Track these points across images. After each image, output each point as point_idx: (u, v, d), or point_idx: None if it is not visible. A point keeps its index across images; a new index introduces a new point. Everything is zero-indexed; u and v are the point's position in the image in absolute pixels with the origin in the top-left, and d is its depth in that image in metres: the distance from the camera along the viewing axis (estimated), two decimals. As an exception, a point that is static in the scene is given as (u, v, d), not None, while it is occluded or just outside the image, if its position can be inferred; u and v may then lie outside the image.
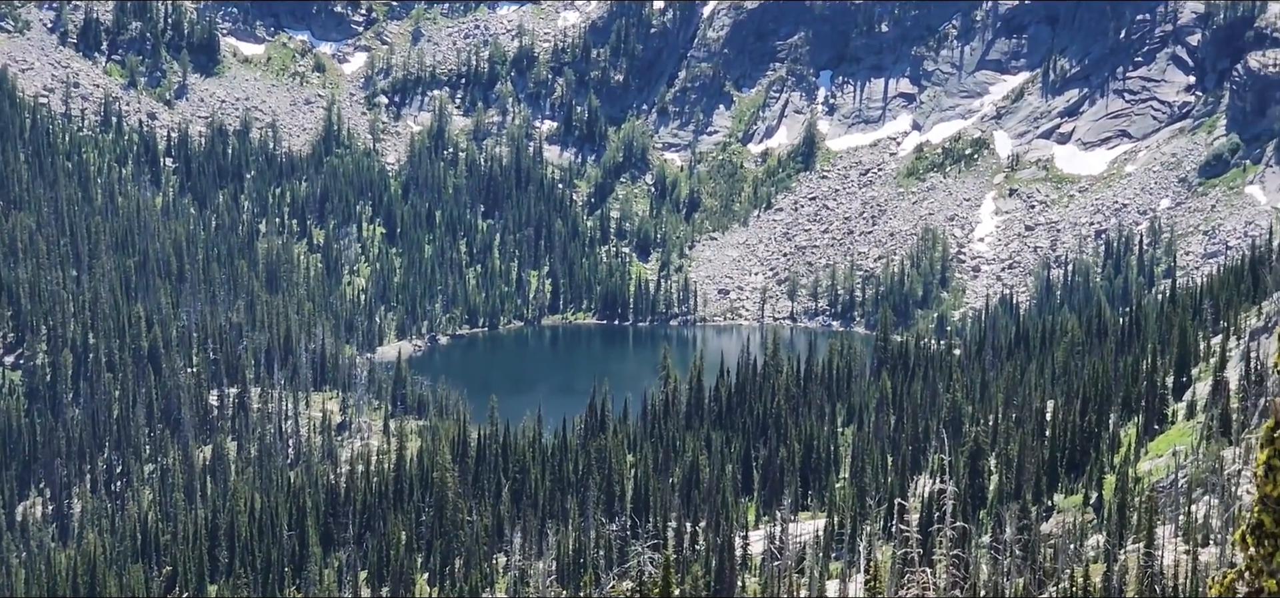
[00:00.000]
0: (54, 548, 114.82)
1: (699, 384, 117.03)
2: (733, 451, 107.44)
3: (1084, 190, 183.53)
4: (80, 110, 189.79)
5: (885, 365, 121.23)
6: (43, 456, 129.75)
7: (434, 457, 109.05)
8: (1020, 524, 78.15)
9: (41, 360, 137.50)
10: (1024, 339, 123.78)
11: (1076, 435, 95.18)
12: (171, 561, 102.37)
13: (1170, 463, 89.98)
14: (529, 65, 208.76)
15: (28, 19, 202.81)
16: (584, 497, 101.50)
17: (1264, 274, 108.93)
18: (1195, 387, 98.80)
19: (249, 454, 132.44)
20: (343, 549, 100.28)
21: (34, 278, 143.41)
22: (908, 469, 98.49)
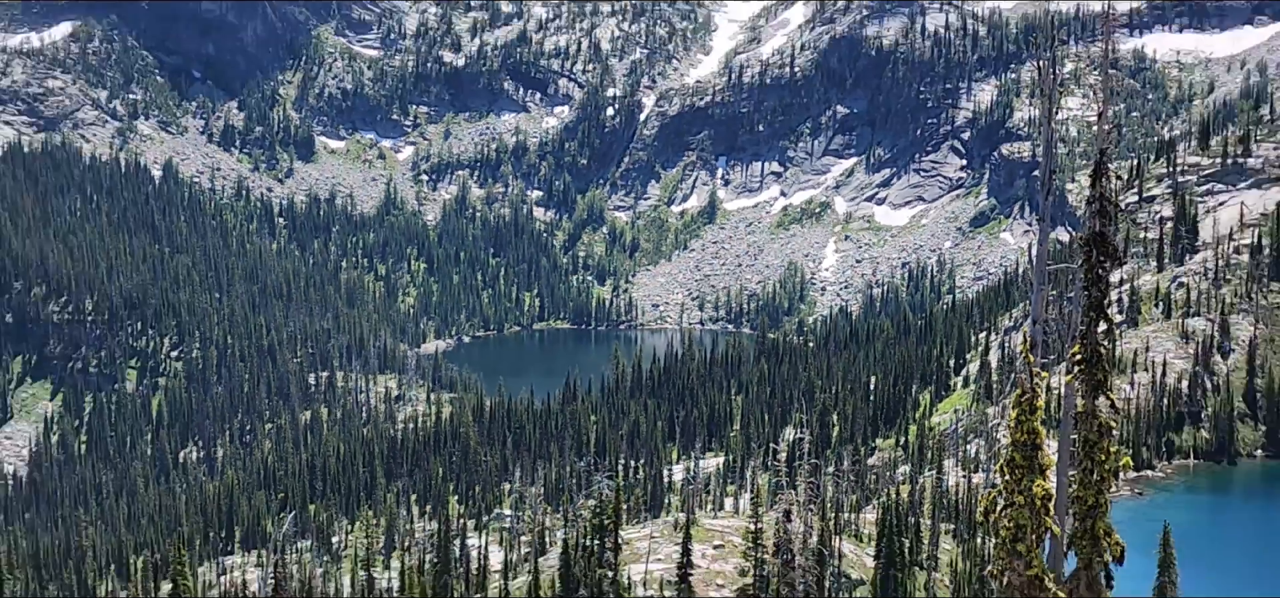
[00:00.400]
0: (205, 481, 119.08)
1: (639, 368, 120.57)
2: (661, 412, 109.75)
3: (894, 236, 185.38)
4: (221, 186, 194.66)
5: (763, 354, 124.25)
6: (196, 418, 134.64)
7: (460, 418, 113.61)
8: (853, 459, 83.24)
9: (196, 354, 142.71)
10: (855, 336, 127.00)
11: (890, 399, 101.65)
12: (284, 489, 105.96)
13: (952, 417, 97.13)
14: (523, 154, 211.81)
15: (185, 125, 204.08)
16: (562, 444, 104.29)
17: (1013, 291, 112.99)
18: (968, 366, 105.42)
19: (335, 417, 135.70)
20: (398, 481, 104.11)
21: (191, 299, 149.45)
22: (779, 424, 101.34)
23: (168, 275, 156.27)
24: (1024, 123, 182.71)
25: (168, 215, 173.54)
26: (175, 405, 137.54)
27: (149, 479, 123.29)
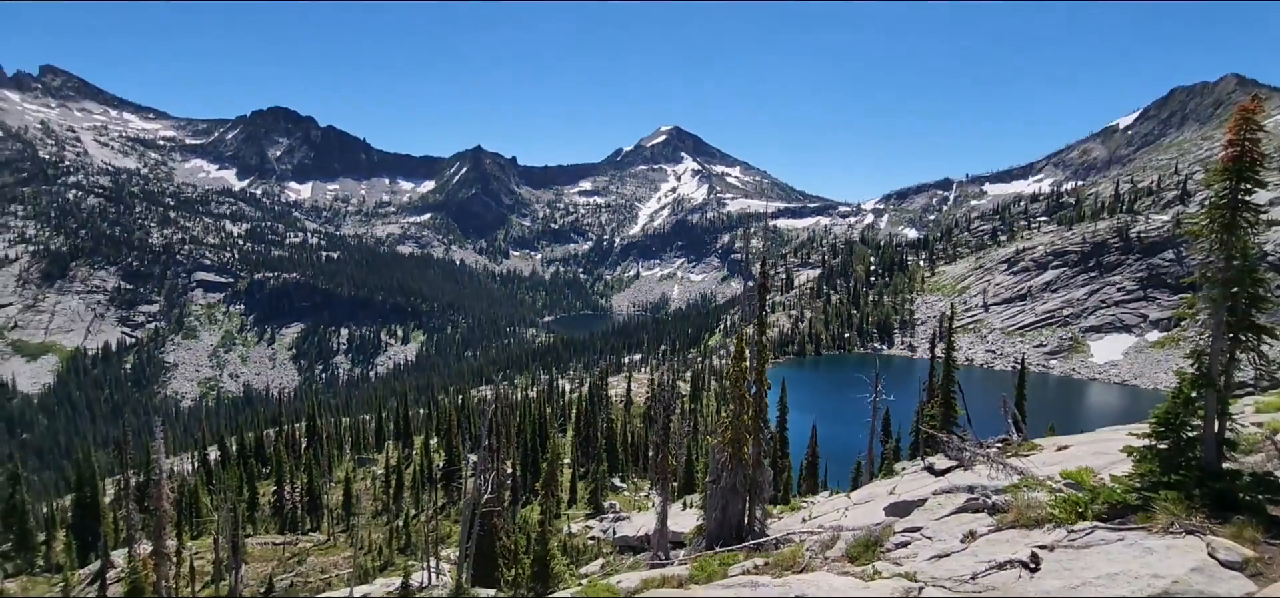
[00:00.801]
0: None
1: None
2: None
3: (697, 286, 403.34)
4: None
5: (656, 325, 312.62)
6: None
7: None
8: (684, 358, 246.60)
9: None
10: (687, 317, 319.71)
11: (693, 334, 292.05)
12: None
13: (718, 340, 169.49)
14: (584, 257, 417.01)
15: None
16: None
17: (729, 307, 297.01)
18: (721, 326, 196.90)
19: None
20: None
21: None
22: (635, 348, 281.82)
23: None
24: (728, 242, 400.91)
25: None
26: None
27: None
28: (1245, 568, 6.33)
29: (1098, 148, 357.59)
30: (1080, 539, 7.48)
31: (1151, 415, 8.46)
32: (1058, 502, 8.60)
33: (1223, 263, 8.12)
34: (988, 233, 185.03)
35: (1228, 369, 8.13)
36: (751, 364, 16.49)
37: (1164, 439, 8.17)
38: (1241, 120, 8.11)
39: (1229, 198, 8.13)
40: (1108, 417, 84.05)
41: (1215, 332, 8.17)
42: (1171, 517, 7.25)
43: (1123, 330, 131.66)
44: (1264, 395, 19.36)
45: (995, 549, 7.91)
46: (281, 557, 47.54)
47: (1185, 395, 8.02)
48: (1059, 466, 14.02)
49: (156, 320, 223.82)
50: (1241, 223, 8.11)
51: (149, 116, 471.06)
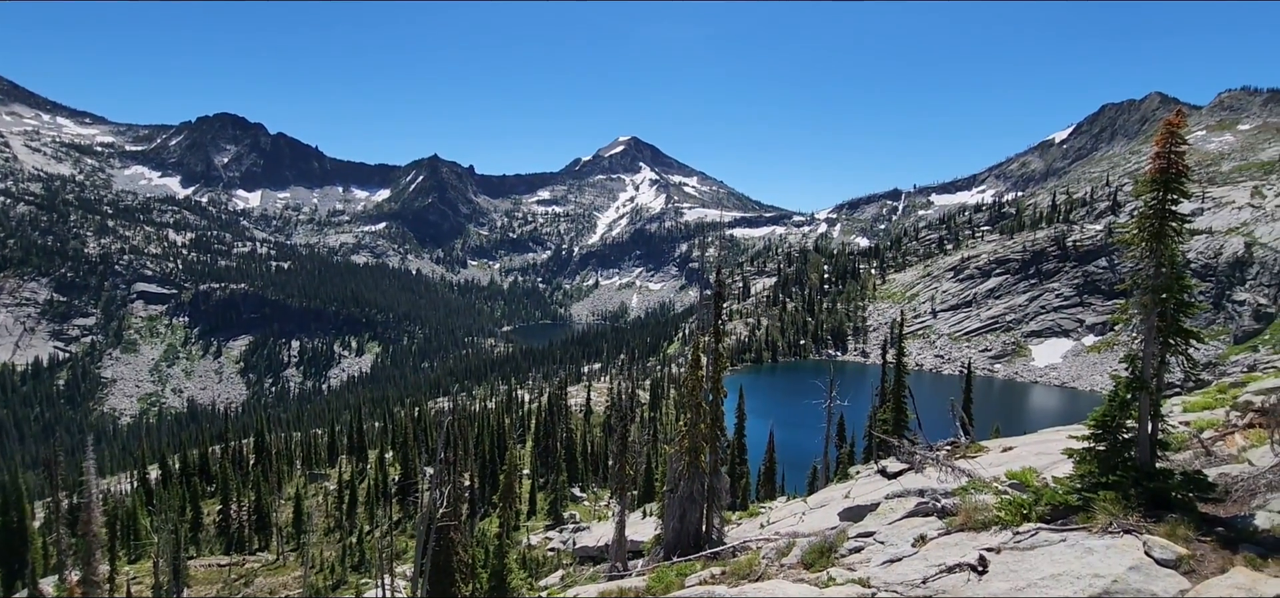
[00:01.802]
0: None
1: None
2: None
3: (656, 293, 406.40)
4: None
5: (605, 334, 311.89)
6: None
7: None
8: (643, 366, 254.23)
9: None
10: (645, 325, 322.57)
11: (654, 343, 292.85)
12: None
13: (677, 349, 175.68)
14: (543, 265, 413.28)
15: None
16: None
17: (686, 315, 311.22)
18: (680, 333, 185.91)
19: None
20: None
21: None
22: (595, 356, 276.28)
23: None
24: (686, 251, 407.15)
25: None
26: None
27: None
28: (1179, 565, 6.52)
29: (1036, 160, 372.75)
30: (1025, 541, 7.62)
31: (1090, 418, 8.70)
32: (1004, 504, 8.76)
33: (1152, 270, 8.43)
34: (935, 242, 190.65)
35: (1159, 372, 8.42)
36: (708, 373, 16.47)
37: (1102, 441, 8.41)
38: (1168, 134, 8.44)
39: (1157, 208, 8.45)
40: (1049, 418, 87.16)
41: (1147, 336, 8.46)
42: (1110, 517, 7.44)
43: (1061, 335, 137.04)
44: (1190, 396, 20.31)
45: (945, 553, 8.00)
46: (227, 579, 45.53)
47: (1121, 398, 8.28)
48: (1005, 466, 14.39)
49: (93, 334, 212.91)
50: (1169, 232, 8.43)
51: (85, 121, 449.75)
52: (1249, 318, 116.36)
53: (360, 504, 59.73)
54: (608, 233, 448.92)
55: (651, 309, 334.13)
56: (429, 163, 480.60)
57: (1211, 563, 6.57)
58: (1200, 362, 15.92)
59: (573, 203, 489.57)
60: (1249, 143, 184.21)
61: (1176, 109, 9.69)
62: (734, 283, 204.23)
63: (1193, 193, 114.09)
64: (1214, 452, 11.48)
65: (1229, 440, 12.38)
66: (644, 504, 47.57)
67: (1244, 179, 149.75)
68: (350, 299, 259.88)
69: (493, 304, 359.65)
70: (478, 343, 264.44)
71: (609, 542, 33.71)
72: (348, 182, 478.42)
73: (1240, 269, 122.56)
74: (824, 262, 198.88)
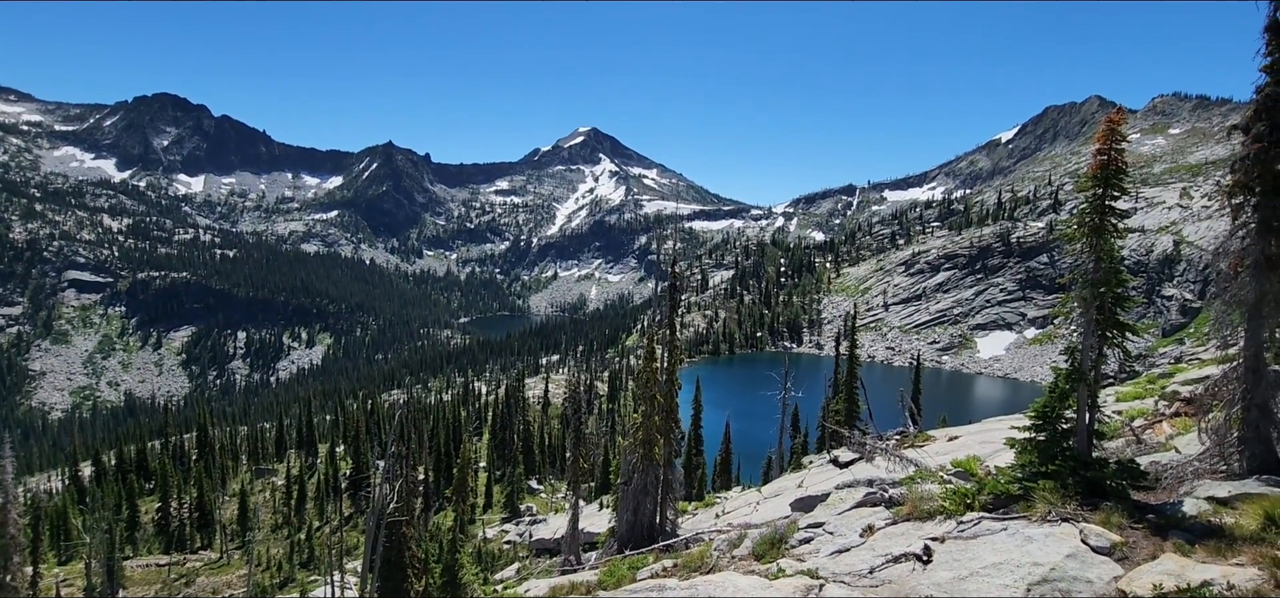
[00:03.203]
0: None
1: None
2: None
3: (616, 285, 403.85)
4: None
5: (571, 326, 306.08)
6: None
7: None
8: (601, 359, 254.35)
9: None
10: (606, 317, 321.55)
11: (612, 334, 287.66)
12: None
13: (635, 341, 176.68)
14: (501, 256, 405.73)
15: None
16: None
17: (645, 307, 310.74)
18: (639, 324, 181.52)
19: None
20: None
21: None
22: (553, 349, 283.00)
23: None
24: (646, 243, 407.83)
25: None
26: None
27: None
28: (1113, 552, 6.69)
29: (983, 159, 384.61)
30: (969, 530, 7.73)
31: (1030, 408, 8.90)
32: (948, 494, 8.90)
33: (1092, 265, 8.63)
34: (887, 237, 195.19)
35: (1097, 364, 8.65)
36: (662, 365, 16.37)
37: (1042, 431, 8.60)
38: (1108, 131, 8.65)
39: (1098, 203, 8.65)
40: (992, 408, 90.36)
41: (1086, 329, 8.68)
42: (1049, 506, 7.60)
43: (1005, 328, 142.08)
44: (1123, 386, 21.19)
45: (891, 543, 8.07)
46: (166, 579, 43.70)
47: (1060, 389, 8.47)
48: (950, 455, 14.72)
49: (19, 324, 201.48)
50: (1109, 227, 8.64)
51: (10, 98, 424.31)
52: (1176, 312, 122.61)
53: (309, 500, 58.08)
54: (567, 224, 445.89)
55: (611, 301, 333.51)
56: (384, 150, 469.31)
57: (1143, 550, 6.77)
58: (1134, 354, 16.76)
59: (532, 193, 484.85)
60: (1179, 146, 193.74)
61: (1116, 109, 9.96)
62: (692, 275, 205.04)
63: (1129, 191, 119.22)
64: (1144, 440, 11.93)
65: (1158, 429, 12.91)
66: (601, 496, 47.48)
67: (1174, 181, 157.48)
68: (300, 289, 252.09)
69: (449, 295, 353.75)
70: (434, 334, 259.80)
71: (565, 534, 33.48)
72: (298, 168, 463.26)
73: (1169, 266, 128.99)
74: (781, 255, 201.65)
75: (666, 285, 17.70)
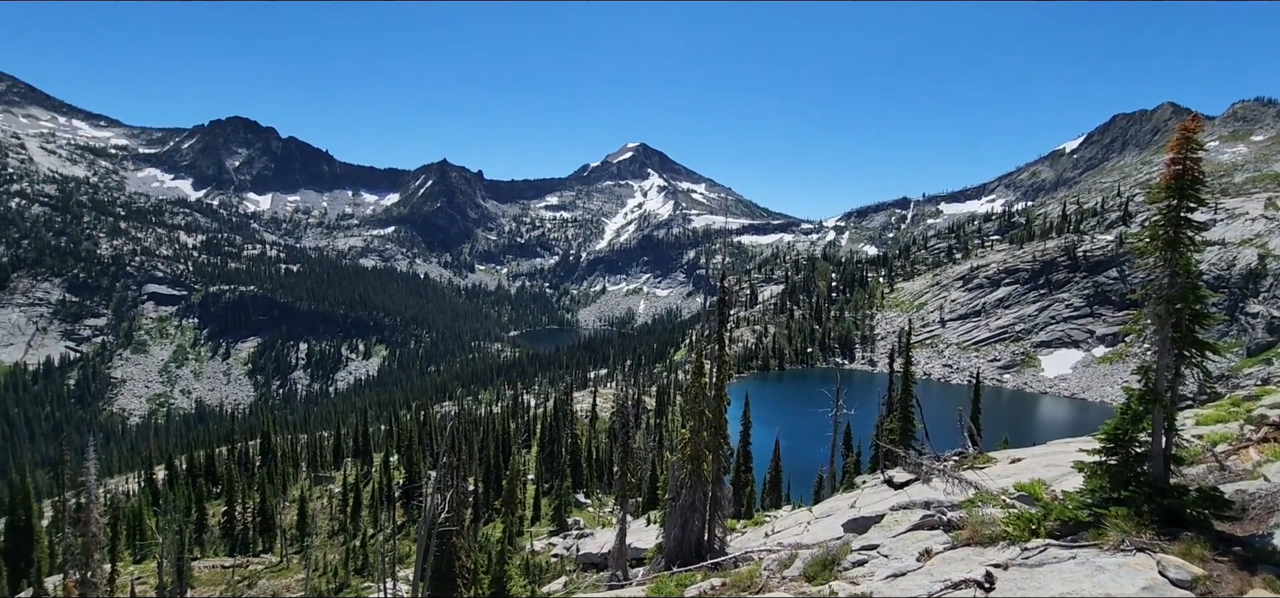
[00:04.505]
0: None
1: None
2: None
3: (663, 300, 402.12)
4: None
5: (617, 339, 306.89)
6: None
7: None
8: (650, 372, 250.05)
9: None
10: (653, 331, 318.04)
11: (660, 349, 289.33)
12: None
13: (684, 355, 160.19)
14: (551, 271, 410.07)
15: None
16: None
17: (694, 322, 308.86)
18: (686, 340, 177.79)
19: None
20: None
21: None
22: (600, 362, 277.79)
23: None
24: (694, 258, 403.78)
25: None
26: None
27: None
28: (1195, 587, 6.27)
29: (1046, 170, 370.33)
30: (1033, 557, 7.37)
31: (1101, 431, 8.46)
32: (1011, 518, 8.52)
33: (1167, 280, 8.19)
34: (944, 251, 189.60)
35: (1173, 384, 8.17)
36: (712, 379, 16.25)
37: (1113, 454, 8.16)
38: (1184, 139, 8.22)
39: (1172, 214, 8.21)
40: (1058, 429, 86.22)
41: (1161, 347, 8.22)
42: (1122, 534, 7.19)
43: (1071, 346, 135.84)
44: (1203, 408, 19.92)
45: (950, 568, 7.76)
46: (231, 580, 45.53)
47: (1133, 410, 8.03)
48: (1013, 478, 14.09)
49: (104, 334, 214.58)
50: (1184, 240, 8.19)
51: (100, 124, 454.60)
52: (1262, 330, 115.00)
53: (364, 508, 59.69)
54: (615, 239, 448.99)
55: (659, 315, 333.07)
56: (438, 167, 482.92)
57: (1228, 584, 6.31)
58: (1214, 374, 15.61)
59: (581, 209, 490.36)
60: (1263, 154, 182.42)
61: (1192, 116, 9.45)
62: (741, 290, 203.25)
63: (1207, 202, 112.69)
64: (1229, 467, 11.17)
65: (1243, 455, 12.06)
66: (648, 512, 47.24)
67: (1258, 190, 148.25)
68: (358, 302, 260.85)
69: (500, 309, 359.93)
70: (484, 347, 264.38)
71: (612, 549, 33.39)
72: (357, 185, 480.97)
73: (1254, 281, 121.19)
74: (832, 270, 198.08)
75: (715, 300, 17.60)
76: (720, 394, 16.15)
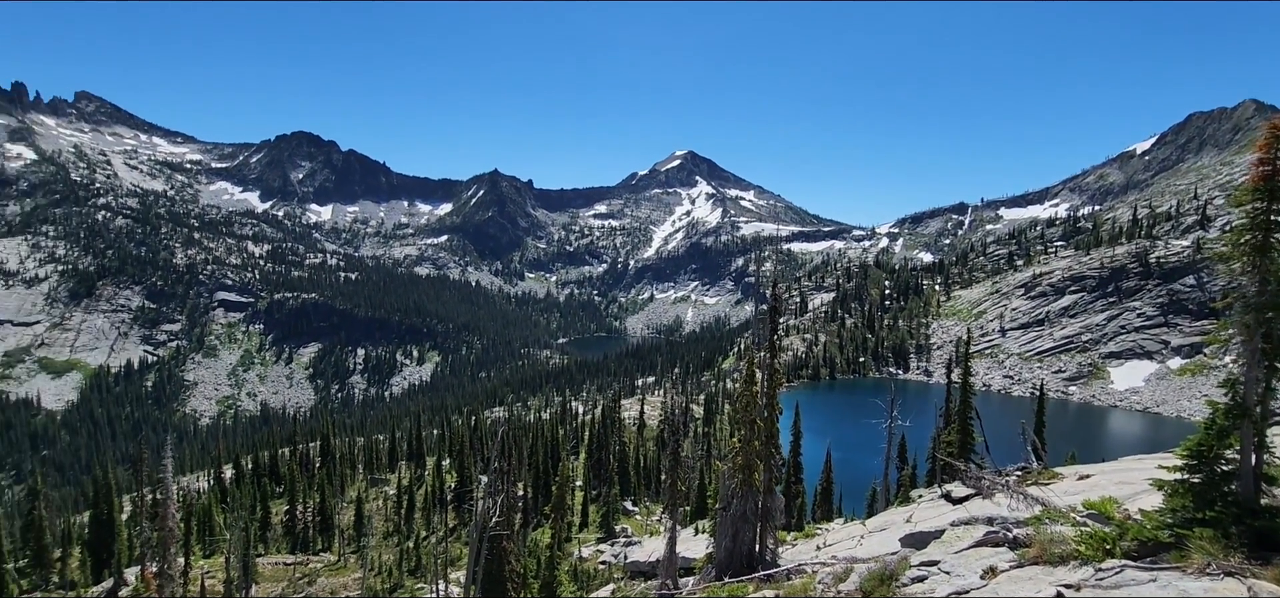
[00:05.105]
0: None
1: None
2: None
3: (712, 308, 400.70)
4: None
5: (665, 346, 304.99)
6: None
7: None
8: (697, 379, 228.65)
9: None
10: (701, 339, 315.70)
11: (707, 356, 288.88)
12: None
13: (732, 363, 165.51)
14: (599, 279, 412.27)
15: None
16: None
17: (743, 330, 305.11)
18: (735, 348, 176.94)
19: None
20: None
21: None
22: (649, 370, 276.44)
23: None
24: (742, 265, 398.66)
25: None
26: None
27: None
28: (1291, 615, 5.84)
29: (1114, 173, 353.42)
30: (1109, 579, 7.00)
31: (1182, 447, 7.99)
32: (1084, 537, 8.11)
33: (1255, 287, 7.69)
34: (1004, 257, 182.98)
35: (1264, 398, 7.66)
36: (762, 388, 16.05)
37: (1197, 472, 7.69)
38: (1272, 137, 7.72)
39: (1261, 218, 7.72)
40: (1130, 445, 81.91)
41: (1249, 359, 7.71)
42: (1208, 557, 6.76)
43: (1143, 357, 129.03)
44: (1296, 426, 18.58)
45: (1017, 587, 7.44)
46: (292, 577, 47.26)
47: (1219, 426, 7.56)
48: (1081, 496, 13.43)
49: (178, 339, 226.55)
50: (1274, 245, 7.68)
51: (177, 140, 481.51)
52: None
53: (417, 510, 61.13)
54: (663, 247, 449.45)
55: (706, 323, 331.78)
56: (489, 178, 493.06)
57: (1330, 614, 5.85)
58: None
59: (629, 217, 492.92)
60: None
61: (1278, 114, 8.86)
62: (791, 298, 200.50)
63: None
64: (1327, 488, 10.38)
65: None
66: (696, 521, 46.93)
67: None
68: (412, 309, 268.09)
69: (549, 316, 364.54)
70: (533, 354, 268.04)
71: (660, 557, 33.24)
72: (412, 196, 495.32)
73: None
74: (885, 277, 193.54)
75: (767, 308, 17.42)
76: (772, 403, 15.94)
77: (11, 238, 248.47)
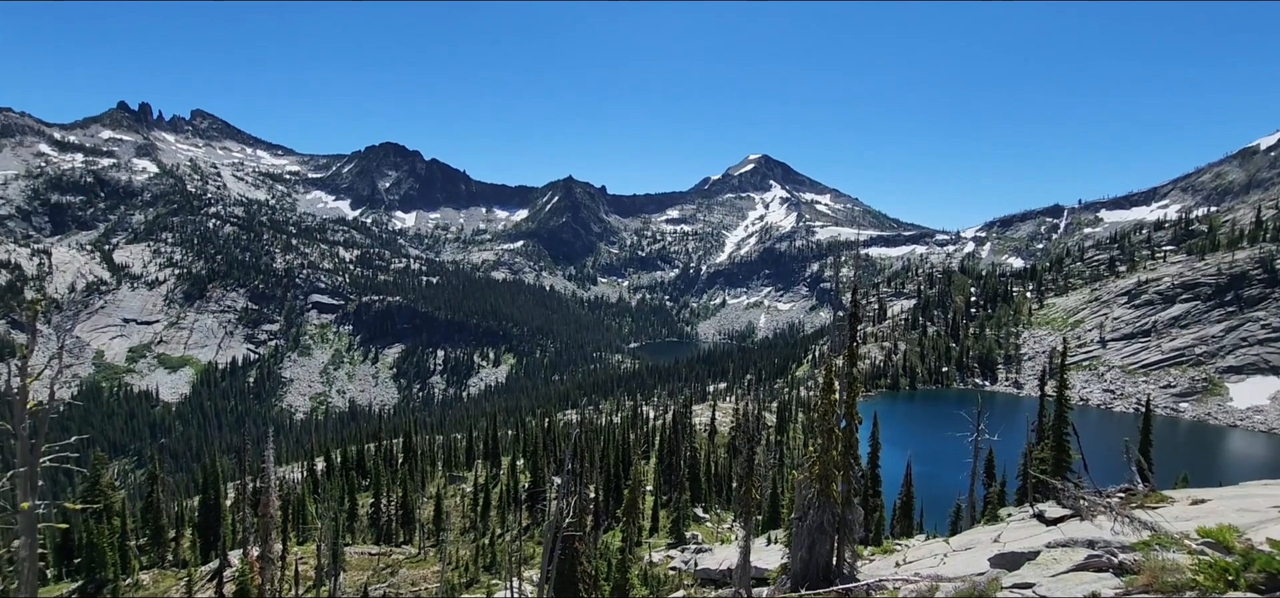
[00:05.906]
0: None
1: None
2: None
3: (785, 313, 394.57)
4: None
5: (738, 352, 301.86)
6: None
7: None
8: (770, 387, 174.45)
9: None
10: (775, 345, 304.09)
11: (781, 364, 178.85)
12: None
13: (806, 371, 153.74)
14: (671, 284, 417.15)
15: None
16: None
17: (818, 335, 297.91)
18: (810, 355, 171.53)
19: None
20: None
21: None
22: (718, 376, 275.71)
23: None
24: (817, 271, 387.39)
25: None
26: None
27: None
28: None
29: (1234, 171, 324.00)
30: (1232, 613, 6.39)
31: (1320, 472, 7.20)
32: (1202, 566, 7.45)
33: None
34: (1104, 263, 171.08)
35: None
36: (841, 397, 15.61)
37: (1338, 501, 6.91)
38: None
39: None
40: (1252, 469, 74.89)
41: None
42: (1352, 594, 6.07)
43: (1269, 372, 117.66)
44: None
45: (1124, 617, 6.91)
46: (376, 567, 49.55)
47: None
48: (1195, 522, 12.35)
49: (276, 338, 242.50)
50: None
51: (278, 153, 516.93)
52: None
53: (493, 508, 62.86)
54: (736, 252, 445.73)
55: (779, 329, 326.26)
56: (564, 184, 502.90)
57: None
58: None
59: (701, 222, 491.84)
60: None
61: None
62: (869, 304, 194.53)
63: None
64: None
65: None
66: (768, 530, 46.12)
67: None
68: (490, 313, 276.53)
69: (621, 321, 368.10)
70: (605, 358, 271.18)
71: (732, 566, 32.84)
72: (490, 203, 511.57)
73: None
74: (970, 283, 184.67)
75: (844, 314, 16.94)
76: (851, 412, 15.48)
77: (136, 244, 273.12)
